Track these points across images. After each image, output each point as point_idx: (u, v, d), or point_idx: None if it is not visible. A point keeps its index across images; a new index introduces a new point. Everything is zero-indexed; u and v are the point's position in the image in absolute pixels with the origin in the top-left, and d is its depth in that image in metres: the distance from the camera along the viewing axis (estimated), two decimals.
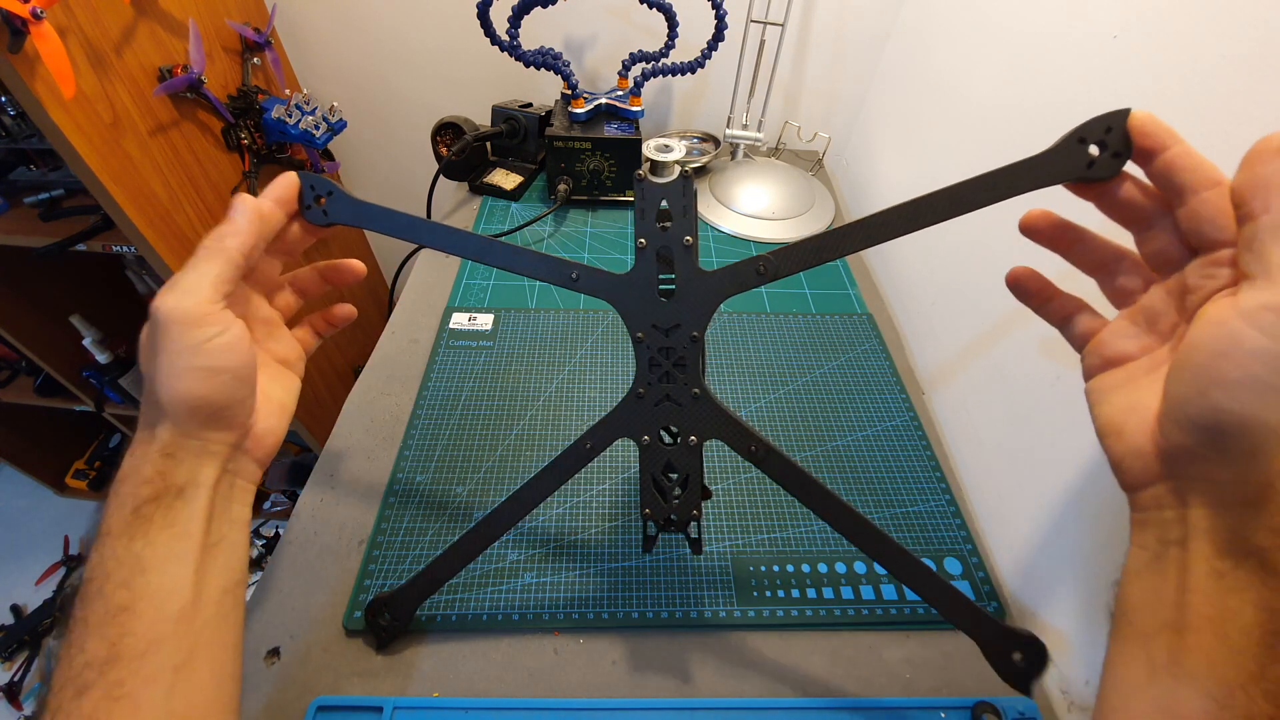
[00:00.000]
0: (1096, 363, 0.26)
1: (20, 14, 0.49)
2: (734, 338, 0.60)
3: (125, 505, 0.26)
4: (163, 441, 0.26)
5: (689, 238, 0.30)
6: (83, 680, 0.23)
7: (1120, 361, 0.25)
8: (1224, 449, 0.20)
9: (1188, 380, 0.21)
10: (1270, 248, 0.19)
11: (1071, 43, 0.43)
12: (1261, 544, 0.20)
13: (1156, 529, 0.23)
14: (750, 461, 0.32)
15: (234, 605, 0.28)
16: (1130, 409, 0.24)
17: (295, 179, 0.32)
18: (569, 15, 0.80)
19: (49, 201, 0.79)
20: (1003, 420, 0.47)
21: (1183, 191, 0.22)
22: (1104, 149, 0.24)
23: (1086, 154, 0.25)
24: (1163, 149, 0.23)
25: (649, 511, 0.34)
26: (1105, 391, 0.25)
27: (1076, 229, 0.28)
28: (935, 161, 0.63)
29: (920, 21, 0.70)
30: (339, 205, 0.32)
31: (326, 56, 0.92)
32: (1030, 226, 0.28)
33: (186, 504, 0.27)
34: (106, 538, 0.25)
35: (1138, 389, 0.24)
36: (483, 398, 0.53)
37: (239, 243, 0.29)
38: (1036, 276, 0.29)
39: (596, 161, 0.72)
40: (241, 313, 0.30)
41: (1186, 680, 0.21)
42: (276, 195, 0.31)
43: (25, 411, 1.15)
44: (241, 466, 0.30)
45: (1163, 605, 0.22)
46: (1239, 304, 0.20)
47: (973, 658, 0.39)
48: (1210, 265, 0.22)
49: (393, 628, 0.37)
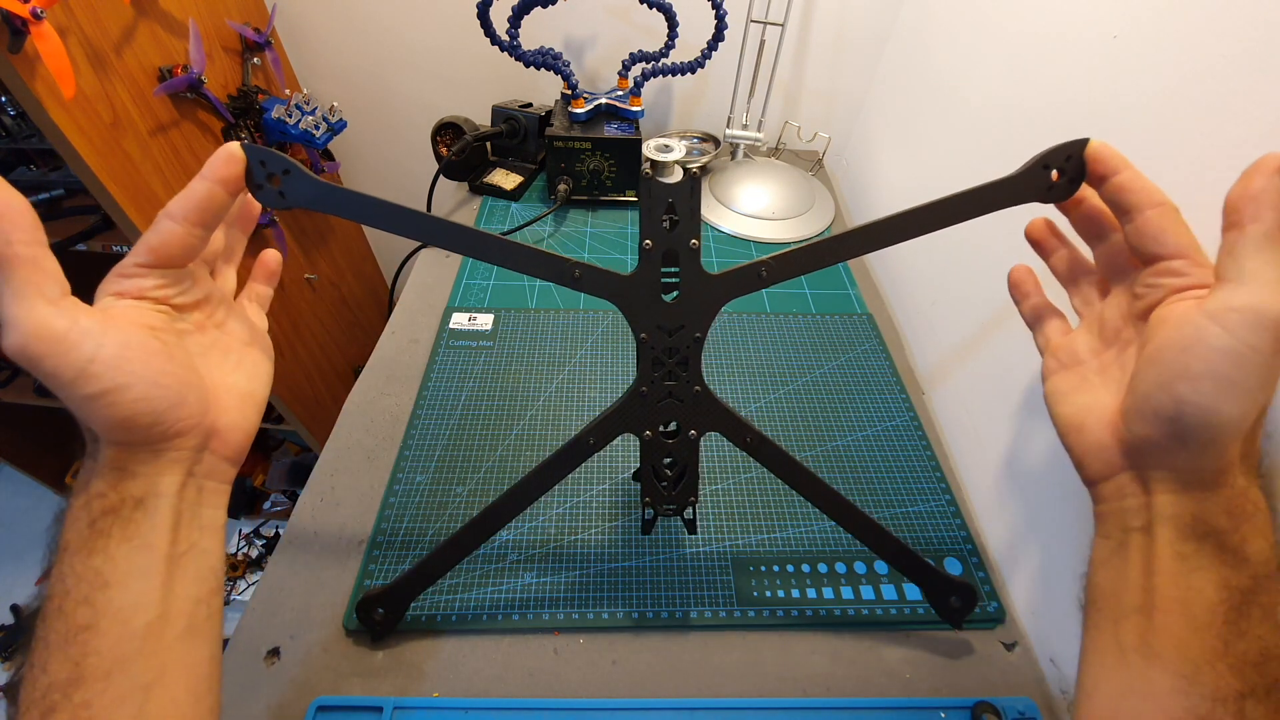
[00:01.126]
0: (1053, 365, 0.29)
1: (20, 14, 0.49)
2: (734, 338, 0.60)
3: (80, 519, 0.24)
4: (109, 457, 0.24)
5: (695, 240, 0.30)
6: (48, 702, 0.22)
7: (1073, 364, 0.28)
8: (1185, 438, 0.22)
9: (1154, 375, 0.23)
10: (1249, 255, 0.21)
11: (1071, 43, 0.43)
12: (1220, 525, 0.22)
13: (1119, 518, 0.24)
14: (745, 451, 0.35)
15: (208, 615, 0.26)
16: (1088, 408, 0.26)
17: (237, 153, 0.26)
18: (569, 15, 0.80)
19: (49, 201, 0.79)
20: (1003, 420, 0.47)
21: (1130, 210, 0.25)
22: (1063, 175, 0.28)
23: (1048, 179, 0.28)
24: (1114, 173, 0.26)
25: (649, 499, 0.36)
26: (1063, 393, 0.28)
27: (1064, 238, 0.31)
28: (935, 161, 0.63)
29: (920, 22, 0.70)
30: (297, 185, 0.28)
31: (326, 56, 0.92)
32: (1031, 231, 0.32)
33: (147, 515, 0.24)
34: (64, 553, 0.23)
35: (1092, 389, 0.26)
36: (483, 398, 0.53)
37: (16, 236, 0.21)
38: (1032, 276, 0.33)
39: (596, 161, 0.72)
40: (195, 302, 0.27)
41: (1156, 660, 0.22)
42: (214, 175, 0.26)
43: (25, 411, 1.15)
44: (209, 468, 0.27)
45: (1129, 590, 0.23)
46: (1206, 304, 0.22)
47: (973, 658, 0.39)
48: (1154, 275, 0.25)
49: (387, 621, 0.37)
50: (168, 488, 0.25)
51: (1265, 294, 0.20)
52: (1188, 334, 0.22)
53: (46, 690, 0.22)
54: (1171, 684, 0.21)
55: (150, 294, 0.25)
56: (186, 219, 0.25)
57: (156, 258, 0.25)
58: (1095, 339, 0.28)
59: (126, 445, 0.24)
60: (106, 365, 0.22)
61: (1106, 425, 0.25)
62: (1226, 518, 0.22)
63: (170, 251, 0.25)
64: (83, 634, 0.23)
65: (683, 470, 0.35)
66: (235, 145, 0.27)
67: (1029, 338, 0.32)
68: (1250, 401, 0.20)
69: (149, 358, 0.24)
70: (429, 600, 0.40)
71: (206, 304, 0.29)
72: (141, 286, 0.25)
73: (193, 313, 0.28)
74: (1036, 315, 0.32)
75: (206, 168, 0.26)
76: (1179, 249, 0.24)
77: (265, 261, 0.35)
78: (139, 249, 0.25)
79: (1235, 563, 0.21)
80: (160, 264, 0.26)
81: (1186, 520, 0.22)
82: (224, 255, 0.32)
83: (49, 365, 0.21)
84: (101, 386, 0.22)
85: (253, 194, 0.28)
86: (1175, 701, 0.21)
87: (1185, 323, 0.22)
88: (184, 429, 0.25)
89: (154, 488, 0.25)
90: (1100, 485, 0.25)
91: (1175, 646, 0.22)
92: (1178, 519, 0.22)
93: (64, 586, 0.23)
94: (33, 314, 0.21)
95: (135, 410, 0.23)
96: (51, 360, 0.21)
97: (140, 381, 0.23)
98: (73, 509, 0.24)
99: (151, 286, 0.25)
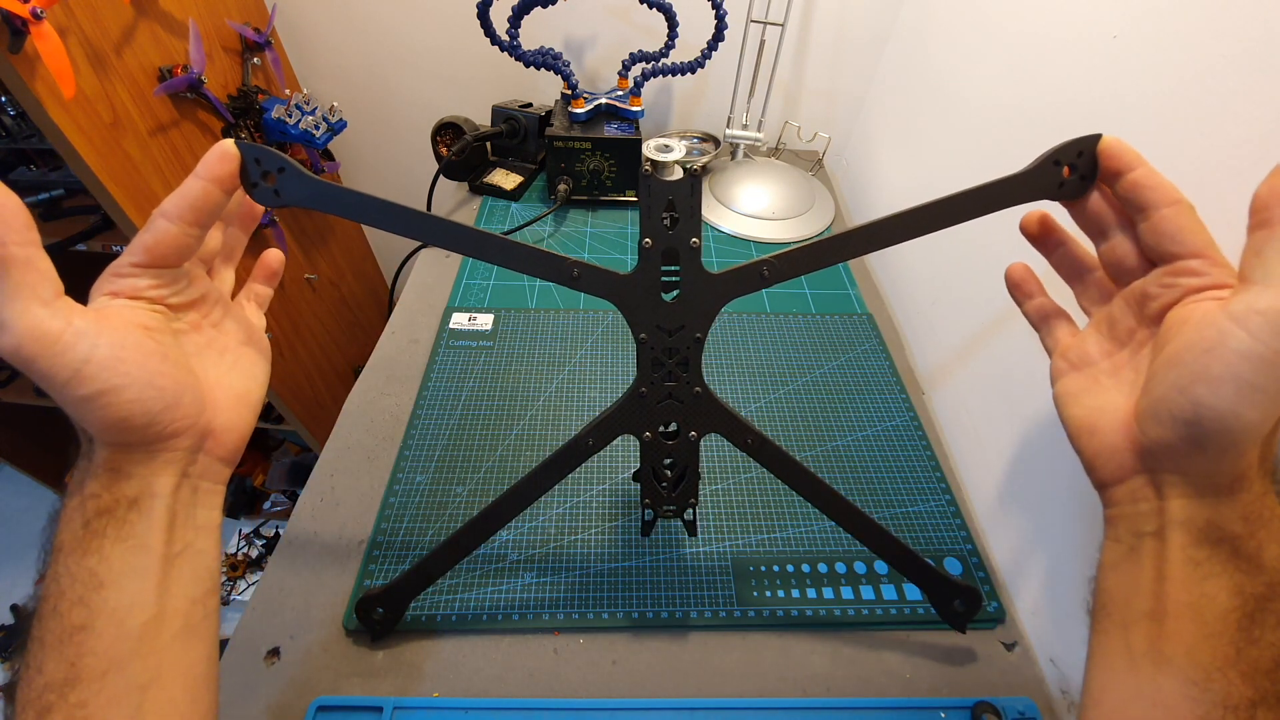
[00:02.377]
0: (1063, 366, 0.28)
1: (20, 14, 0.49)
2: (734, 338, 0.60)
3: (74, 520, 0.23)
4: (103, 458, 0.24)
5: (695, 239, 0.30)
6: (44, 702, 0.22)
7: (1083, 365, 0.27)
8: (1203, 443, 0.21)
9: (1171, 378, 0.22)
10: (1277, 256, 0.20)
11: (1071, 43, 0.43)
12: (1235, 531, 0.21)
13: (1131, 522, 0.24)
14: (745, 452, 0.35)
15: (205, 616, 0.26)
16: (1100, 409, 0.25)
17: (231, 150, 0.26)
18: (569, 15, 0.80)
19: (49, 201, 0.78)
20: (1003, 420, 0.47)
21: (1145, 208, 0.25)
22: (1074, 171, 0.27)
23: (1059, 175, 0.27)
24: (1129, 169, 0.25)
25: (649, 501, 0.36)
26: (1073, 394, 0.27)
27: (1063, 233, 0.30)
28: (935, 161, 0.63)
29: (920, 21, 0.70)
30: (292, 183, 0.27)
31: (326, 56, 0.92)
32: (1026, 226, 0.31)
33: (142, 516, 0.24)
34: (59, 553, 0.23)
35: (1104, 391, 0.26)
36: (483, 398, 0.53)
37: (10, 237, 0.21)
38: (1032, 274, 0.32)
39: (596, 161, 0.72)
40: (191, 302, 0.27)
41: (1166, 666, 0.21)
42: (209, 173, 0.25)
43: (25, 411, 1.15)
44: (204, 469, 0.27)
45: (1140, 595, 0.23)
46: (1229, 306, 0.21)
47: (973, 658, 0.39)
48: (1169, 275, 0.24)
49: (387, 621, 0.37)
50: (162, 488, 0.25)
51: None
52: (1209, 336, 0.21)
53: (42, 690, 0.22)
54: (1182, 690, 0.21)
55: (145, 294, 0.25)
56: (181, 218, 0.25)
57: (151, 257, 0.25)
58: (1106, 339, 0.27)
59: (121, 446, 0.24)
60: (101, 366, 0.22)
61: (1119, 428, 0.24)
62: (1242, 523, 0.21)
63: (165, 251, 0.25)
64: (78, 634, 0.23)
65: (683, 472, 0.35)
66: (229, 142, 0.26)
67: (1029, 338, 0.32)
68: (1272, 407, 0.20)
69: (144, 358, 0.24)
70: (429, 600, 0.40)
71: (203, 303, 0.28)
72: (136, 286, 0.25)
73: (188, 312, 0.28)
74: (1042, 315, 0.31)
75: (201, 165, 0.25)
76: (1196, 248, 0.24)
77: (266, 261, 0.35)
78: (133, 248, 0.25)
79: (1250, 569, 0.21)
80: (155, 264, 0.25)
81: (1200, 525, 0.22)
82: (223, 254, 0.32)
83: (43, 366, 0.21)
84: (96, 388, 0.22)
85: (248, 192, 0.27)
86: (1186, 708, 0.21)
87: (1207, 324, 0.21)
88: (179, 430, 0.25)
89: (149, 488, 0.24)
90: (1112, 489, 0.25)
91: (1186, 653, 0.21)
92: (1191, 524, 0.22)
93: (59, 587, 0.23)
94: (26, 315, 0.21)
95: (130, 411, 0.23)
96: (45, 361, 0.21)
97: (135, 382, 0.23)
98: (67, 510, 0.24)
99: (146, 286, 0.25)
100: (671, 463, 0.35)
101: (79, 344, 0.22)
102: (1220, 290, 0.23)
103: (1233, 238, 0.31)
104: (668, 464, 0.35)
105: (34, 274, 0.21)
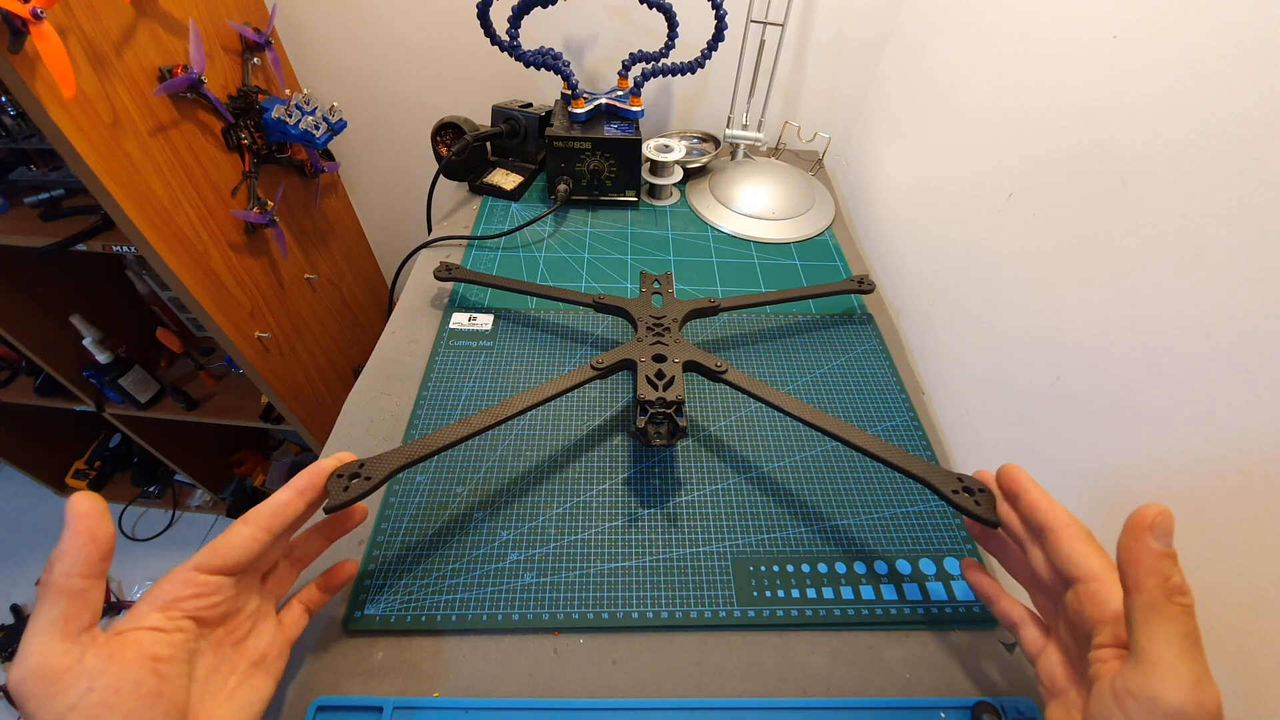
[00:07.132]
0: (1045, 694, 0.30)
1: (20, 14, 0.49)
2: (734, 338, 0.60)
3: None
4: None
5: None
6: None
7: (1059, 694, 0.29)
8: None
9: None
10: (1140, 631, 0.23)
11: (1071, 43, 0.43)
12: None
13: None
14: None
15: None
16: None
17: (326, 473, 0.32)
18: (569, 15, 0.80)
19: (49, 201, 0.78)
20: (1003, 420, 0.47)
21: (1040, 529, 0.30)
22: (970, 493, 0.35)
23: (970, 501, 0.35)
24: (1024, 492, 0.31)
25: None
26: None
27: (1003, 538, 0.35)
28: (935, 161, 0.63)
29: (920, 22, 0.70)
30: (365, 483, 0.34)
31: (326, 56, 0.92)
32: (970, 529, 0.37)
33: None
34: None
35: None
36: (483, 398, 0.53)
37: (66, 565, 0.24)
38: (987, 578, 0.37)
39: (596, 161, 0.72)
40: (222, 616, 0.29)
41: None
42: (301, 487, 0.31)
43: (25, 411, 1.15)
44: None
45: None
46: (1115, 680, 0.24)
47: (973, 657, 0.39)
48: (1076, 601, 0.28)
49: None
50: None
51: (1161, 682, 0.22)
52: (1103, 709, 0.24)
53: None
54: None
55: (185, 605, 0.27)
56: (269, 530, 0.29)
57: (222, 563, 0.28)
58: (1069, 668, 0.29)
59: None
60: (93, 708, 0.23)
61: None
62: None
63: (237, 559, 0.29)
64: None
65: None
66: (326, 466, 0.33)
67: (1029, 338, 0.32)
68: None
69: (135, 703, 0.24)
70: (429, 600, 0.40)
71: (235, 616, 0.30)
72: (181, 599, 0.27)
73: (215, 628, 0.29)
74: (1009, 622, 0.34)
75: (294, 481, 0.31)
76: (1089, 572, 0.27)
77: (336, 572, 0.37)
78: (206, 553, 0.28)
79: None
80: (221, 571, 0.28)
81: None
82: (294, 557, 0.35)
83: (31, 707, 0.23)
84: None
85: (325, 510, 0.32)
86: None
87: (1101, 697, 0.24)
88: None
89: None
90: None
91: None
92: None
93: None
94: (46, 650, 0.23)
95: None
96: (35, 702, 0.23)
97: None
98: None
99: (190, 596, 0.28)
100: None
101: (77, 684, 0.23)
102: (1122, 649, 0.25)
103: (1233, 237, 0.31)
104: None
105: (79, 605, 0.24)
